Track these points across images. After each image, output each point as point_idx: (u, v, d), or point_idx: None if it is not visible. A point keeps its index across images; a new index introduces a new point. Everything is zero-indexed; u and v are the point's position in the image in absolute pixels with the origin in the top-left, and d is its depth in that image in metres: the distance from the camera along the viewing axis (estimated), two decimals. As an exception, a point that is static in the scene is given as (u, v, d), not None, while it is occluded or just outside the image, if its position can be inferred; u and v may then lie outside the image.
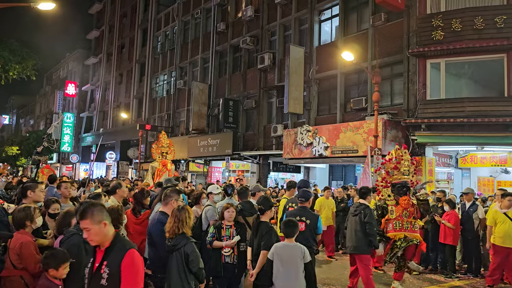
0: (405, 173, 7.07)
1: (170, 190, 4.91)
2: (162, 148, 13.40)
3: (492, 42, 12.91)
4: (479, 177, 16.30)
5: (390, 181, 7.06)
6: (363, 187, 7.34)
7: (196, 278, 4.14)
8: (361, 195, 6.95)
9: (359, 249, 6.58)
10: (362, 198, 6.90)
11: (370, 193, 7.00)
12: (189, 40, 27.10)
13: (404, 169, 7.05)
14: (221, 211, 5.46)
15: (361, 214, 6.57)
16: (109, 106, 38.20)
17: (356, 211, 6.72)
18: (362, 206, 6.71)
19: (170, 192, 4.83)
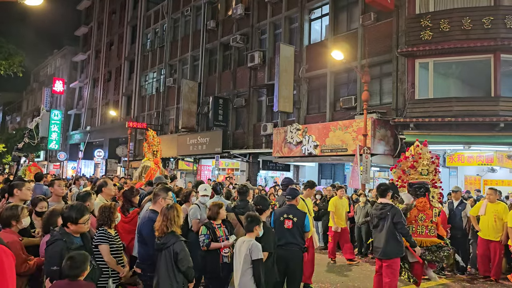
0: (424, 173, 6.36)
1: (159, 189, 4.91)
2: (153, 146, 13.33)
3: (479, 42, 13.07)
4: (466, 176, 16.51)
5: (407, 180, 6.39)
6: (381, 184, 6.46)
7: (185, 277, 4.12)
8: (381, 193, 6.13)
9: (389, 254, 5.89)
10: (382, 197, 6.11)
11: (389, 190, 6.17)
12: (178, 37, 26.95)
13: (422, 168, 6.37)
14: (215, 210, 5.34)
15: (388, 216, 5.85)
16: (97, 103, 37.86)
17: (381, 214, 5.94)
18: (387, 206, 5.94)
19: (158, 191, 4.82)
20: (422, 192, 6.16)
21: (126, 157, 28.40)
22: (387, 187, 6.17)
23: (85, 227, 3.84)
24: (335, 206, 10.00)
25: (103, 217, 4.52)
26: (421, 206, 6.10)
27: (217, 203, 5.48)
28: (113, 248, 4.47)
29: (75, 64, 45.05)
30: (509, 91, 13.65)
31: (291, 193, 5.87)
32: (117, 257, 4.52)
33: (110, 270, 4.41)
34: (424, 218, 6.08)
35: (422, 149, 6.50)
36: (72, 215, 3.77)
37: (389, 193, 6.12)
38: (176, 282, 4.06)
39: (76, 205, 3.90)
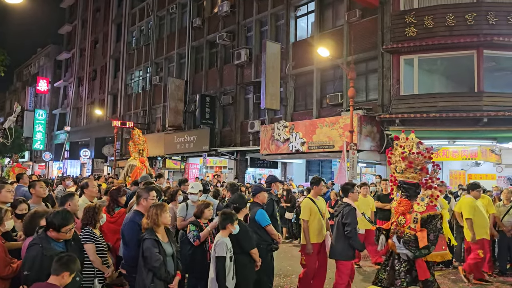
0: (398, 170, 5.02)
1: (140, 189, 4.91)
2: (139, 145, 13.23)
3: (462, 38, 13.22)
4: (451, 171, 16.71)
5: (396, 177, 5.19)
6: (346, 183, 6.41)
7: (154, 275, 4.08)
8: (344, 193, 6.03)
9: (337, 254, 5.77)
10: (344, 196, 6.01)
11: (352, 189, 5.96)
12: (164, 35, 26.75)
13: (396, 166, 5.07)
14: (201, 209, 5.32)
15: (340, 215, 5.77)
16: (83, 102, 37.44)
17: (336, 211, 5.97)
18: (342, 205, 5.89)
19: (140, 191, 4.81)
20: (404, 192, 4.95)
21: (112, 156, 28.12)
22: (350, 187, 6.01)
23: (67, 236, 3.76)
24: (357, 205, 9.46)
25: (87, 217, 4.50)
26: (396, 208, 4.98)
27: (205, 202, 5.45)
28: (98, 249, 4.45)
29: (59, 62, 44.41)
30: (492, 86, 13.85)
31: (253, 189, 6.01)
32: (102, 258, 4.49)
33: (96, 270, 4.38)
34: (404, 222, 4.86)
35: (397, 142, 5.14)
36: (55, 222, 3.70)
37: (351, 193, 5.91)
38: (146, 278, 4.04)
39: (61, 212, 3.83)
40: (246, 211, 5.20)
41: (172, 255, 4.30)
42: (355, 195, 5.96)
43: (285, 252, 10.21)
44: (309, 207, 6.09)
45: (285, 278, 7.85)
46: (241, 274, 4.69)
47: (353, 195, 5.92)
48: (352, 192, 5.91)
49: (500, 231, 8.37)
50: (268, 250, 5.60)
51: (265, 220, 5.59)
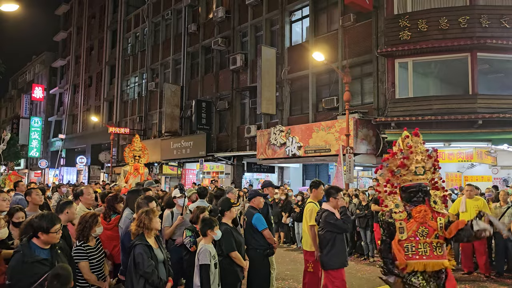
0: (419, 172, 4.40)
1: (141, 199, 4.93)
2: (134, 151, 13.21)
3: (456, 41, 13.32)
4: (447, 173, 16.76)
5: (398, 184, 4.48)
6: (331, 187, 5.96)
7: (146, 282, 4.05)
8: (326, 196, 5.64)
9: (325, 264, 5.46)
10: (326, 200, 5.62)
11: (334, 195, 5.49)
12: (160, 41, 26.79)
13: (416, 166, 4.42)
14: (196, 214, 5.32)
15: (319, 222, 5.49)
16: (78, 109, 37.34)
17: (316, 220, 5.62)
18: (320, 211, 5.58)
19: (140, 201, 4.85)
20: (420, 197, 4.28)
21: (109, 163, 28.04)
22: (332, 192, 5.56)
23: (57, 237, 3.72)
24: None
25: (78, 231, 4.37)
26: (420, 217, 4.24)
27: (201, 207, 5.46)
28: (93, 263, 4.35)
29: (55, 70, 44.34)
30: (486, 88, 13.94)
31: (249, 193, 5.99)
32: (98, 270, 4.42)
33: (90, 286, 4.32)
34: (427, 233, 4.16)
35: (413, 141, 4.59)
36: (43, 225, 3.60)
37: (332, 198, 5.47)
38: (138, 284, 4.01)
39: (46, 215, 3.79)
40: (231, 214, 5.18)
41: (163, 261, 4.28)
42: (336, 201, 5.47)
43: (283, 257, 10.20)
44: (315, 212, 5.82)
45: (283, 282, 7.84)
46: (224, 278, 4.68)
47: (335, 200, 5.45)
48: (335, 197, 5.46)
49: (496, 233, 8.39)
50: (264, 254, 5.59)
51: (262, 224, 5.58)
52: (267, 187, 6.82)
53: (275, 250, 5.89)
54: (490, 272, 8.28)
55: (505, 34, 13.26)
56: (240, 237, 5.17)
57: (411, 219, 4.23)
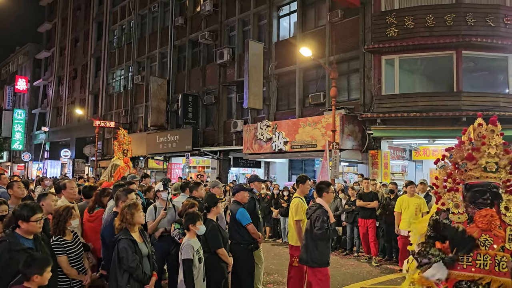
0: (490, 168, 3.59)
1: (120, 191, 4.87)
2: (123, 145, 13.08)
3: (442, 39, 13.43)
4: (431, 169, 16.98)
5: (462, 180, 3.71)
6: (320, 182, 5.79)
7: (130, 276, 4.02)
8: (317, 192, 5.50)
9: (309, 261, 5.21)
10: (318, 196, 5.46)
11: (327, 189, 5.41)
12: (146, 34, 26.50)
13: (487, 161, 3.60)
14: (185, 208, 5.25)
15: (312, 217, 5.25)
16: (63, 102, 36.82)
17: (307, 213, 5.42)
18: (314, 206, 5.32)
19: (119, 193, 4.80)
20: (488, 199, 3.53)
21: (94, 156, 27.73)
22: (324, 186, 5.44)
23: (38, 226, 3.66)
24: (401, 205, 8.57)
25: (53, 225, 4.29)
26: (485, 223, 3.49)
27: (190, 202, 5.39)
28: (71, 257, 4.29)
29: (39, 61, 43.57)
30: (471, 86, 14.13)
31: (234, 188, 6.00)
32: (77, 264, 4.36)
33: (71, 280, 4.26)
34: (490, 243, 3.42)
35: (488, 130, 3.74)
36: (24, 213, 3.59)
37: (325, 193, 5.35)
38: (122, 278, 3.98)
39: (28, 204, 3.75)
40: (217, 210, 5.16)
41: (147, 255, 4.25)
42: (329, 196, 5.43)
43: (268, 251, 10.22)
44: (302, 207, 5.80)
45: (269, 276, 7.86)
46: (210, 274, 4.66)
47: (328, 195, 5.39)
48: (327, 192, 5.37)
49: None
50: (248, 249, 5.58)
51: (246, 219, 5.57)
52: (254, 182, 6.79)
53: (259, 244, 5.88)
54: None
55: (490, 32, 13.43)
56: (225, 233, 5.15)
57: (471, 224, 3.51)
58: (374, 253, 9.23)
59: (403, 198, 8.63)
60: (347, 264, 9.14)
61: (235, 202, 5.79)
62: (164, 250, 5.62)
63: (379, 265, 8.95)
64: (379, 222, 9.68)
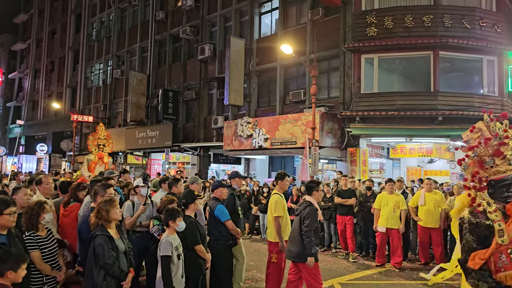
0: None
1: (97, 186, 4.81)
2: (98, 140, 12.88)
3: (420, 39, 13.69)
4: (408, 167, 17.37)
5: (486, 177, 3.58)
6: (310, 181, 6.09)
7: (107, 273, 4.00)
8: (307, 190, 5.68)
9: (301, 256, 5.33)
10: (308, 194, 5.65)
11: (317, 188, 5.60)
12: (126, 28, 26.11)
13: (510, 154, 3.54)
14: (164, 204, 5.21)
15: (301, 214, 5.41)
16: (39, 95, 35.99)
17: (297, 210, 5.61)
18: (304, 203, 5.52)
19: (97, 188, 4.76)
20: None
21: (71, 151, 27.22)
22: (314, 185, 5.63)
23: (11, 220, 3.59)
24: (380, 202, 8.74)
25: (25, 221, 4.21)
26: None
27: (169, 198, 5.36)
28: (45, 252, 4.23)
29: (14, 53, 42.46)
30: (447, 86, 14.45)
31: (213, 184, 6.00)
32: (51, 260, 4.30)
33: (44, 276, 4.20)
34: None
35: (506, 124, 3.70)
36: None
37: (315, 192, 5.54)
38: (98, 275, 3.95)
39: (1, 197, 3.68)
40: (195, 206, 5.15)
41: (124, 251, 4.22)
42: (319, 194, 5.64)
43: (247, 247, 10.24)
44: (281, 203, 5.88)
45: (247, 272, 7.89)
46: (187, 270, 4.66)
47: (318, 194, 5.59)
48: (317, 190, 5.58)
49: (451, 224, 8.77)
50: (227, 245, 5.60)
51: (224, 215, 5.58)
52: (234, 178, 6.80)
53: (238, 241, 5.90)
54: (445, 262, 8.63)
55: (466, 34, 13.75)
56: (203, 230, 5.16)
57: (508, 219, 3.39)
58: (352, 249, 9.37)
59: (383, 195, 8.79)
60: (325, 260, 9.25)
61: (214, 199, 5.79)
62: (142, 247, 5.59)
63: (356, 261, 9.09)
64: (356, 219, 9.83)
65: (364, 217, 9.58)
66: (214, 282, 5.63)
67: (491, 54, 14.15)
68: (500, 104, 13.96)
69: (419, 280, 7.63)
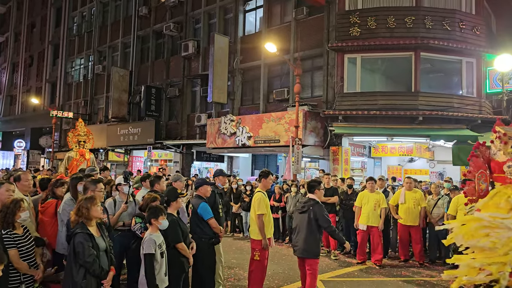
0: None
1: (87, 182, 4.75)
2: (79, 136, 12.69)
3: (402, 40, 13.88)
4: (389, 166, 17.62)
5: None
6: (312, 180, 6.33)
7: (87, 271, 3.94)
8: (309, 189, 6.01)
9: (308, 252, 5.73)
10: (310, 192, 5.97)
11: (319, 186, 5.99)
12: (108, 22, 25.72)
13: None
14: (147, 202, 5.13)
15: (310, 212, 5.72)
16: (17, 90, 35.17)
17: (304, 207, 5.85)
18: (310, 201, 5.83)
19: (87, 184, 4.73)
20: None
21: (50, 148, 26.71)
22: (316, 184, 6.00)
23: None
24: (361, 200, 8.87)
25: (0, 219, 4.13)
26: None
27: (152, 196, 5.31)
28: (22, 250, 4.16)
29: (-9, 46, 41.34)
30: (428, 86, 14.71)
31: (196, 182, 5.99)
32: (29, 258, 4.23)
33: (22, 275, 4.13)
34: None
35: None
36: None
37: (317, 190, 5.92)
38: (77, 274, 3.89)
39: None
40: (177, 205, 5.11)
41: (105, 249, 4.16)
42: (320, 193, 6.03)
43: (229, 245, 10.27)
44: (264, 201, 5.93)
45: (230, 270, 7.90)
46: (170, 268, 4.63)
47: (319, 192, 5.97)
48: (319, 189, 5.96)
49: (429, 223, 8.96)
50: (209, 243, 5.59)
51: (208, 213, 5.56)
52: (218, 176, 6.78)
53: (220, 239, 5.90)
54: (424, 259, 8.82)
55: (446, 36, 14.02)
56: (186, 227, 5.13)
57: None
58: (333, 247, 9.46)
59: (364, 194, 8.90)
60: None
61: (197, 196, 5.77)
62: (123, 245, 5.53)
63: (337, 259, 9.18)
64: (338, 216, 9.93)
65: (346, 215, 9.69)
66: (197, 280, 5.61)
67: (470, 56, 14.45)
68: (478, 105, 14.29)
69: (399, 277, 7.76)
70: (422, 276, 7.85)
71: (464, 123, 13.68)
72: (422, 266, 8.61)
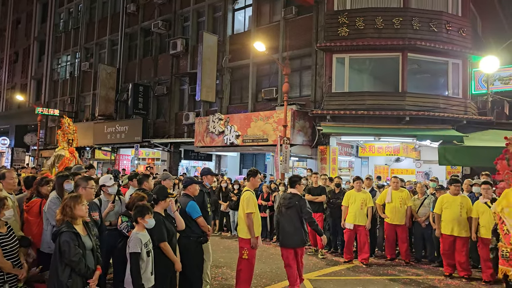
0: None
1: (78, 178, 4.72)
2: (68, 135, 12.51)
3: (389, 41, 14.00)
4: (376, 165, 17.77)
5: None
6: (293, 175, 6.67)
7: (72, 271, 3.90)
8: (291, 184, 6.34)
9: (302, 241, 6.22)
10: (292, 187, 6.31)
11: (300, 181, 6.36)
12: (95, 19, 25.44)
13: None
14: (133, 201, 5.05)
15: (296, 206, 6.09)
16: (2, 86, 34.63)
17: (290, 203, 6.17)
18: (295, 197, 6.19)
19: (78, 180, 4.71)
20: None
21: (35, 145, 26.33)
22: (297, 179, 6.37)
23: None
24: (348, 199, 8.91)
25: None
26: None
27: (139, 195, 5.25)
28: (6, 249, 4.11)
29: (-25, 42, 40.57)
30: (414, 87, 14.86)
31: (185, 181, 5.96)
32: (12, 258, 4.17)
33: (5, 274, 4.07)
34: None
35: None
36: None
37: (297, 185, 6.30)
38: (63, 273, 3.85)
39: None
40: (165, 204, 5.07)
41: (91, 248, 4.13)
42: (301, 187, 6.46)
43: (217, 244, 10.25)
44: (253, 200, 5.98)
45: (217, 269, 7.89)
46: (157, 267, 4.59)
47: (300, 187, 6.37)
48: (299, 184, 6.36)
49: (415, 222, 9.06)
50: (197, 242, 5.57)
51: (196, 212, 5.54)
52: (206, 175, 6.75)
53: (209, 237, 5.88)
54: (410, 258, 8.92)
55: (433, 37, 14.18)
56: (173, 227, 5.09)
57: None
58: (321, 246, 9.51)
59: (351, 193, 8.95)
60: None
61: (185, 195, 5.74)
62: (110, 244, 5.47)
63: (325, 258, 9.23)
64: (325, 215, 9.97)
65: (333, 214, 9.73)
66: (184, 279, 5.58)
67: (456, 57, 14.64)
68: (463, 106, 14.48)
69: (385, 275, 7.83)
70: (408, 275, 7.93)
71: (450, 123, 13.86)
72: (408, 264, 8.70)
